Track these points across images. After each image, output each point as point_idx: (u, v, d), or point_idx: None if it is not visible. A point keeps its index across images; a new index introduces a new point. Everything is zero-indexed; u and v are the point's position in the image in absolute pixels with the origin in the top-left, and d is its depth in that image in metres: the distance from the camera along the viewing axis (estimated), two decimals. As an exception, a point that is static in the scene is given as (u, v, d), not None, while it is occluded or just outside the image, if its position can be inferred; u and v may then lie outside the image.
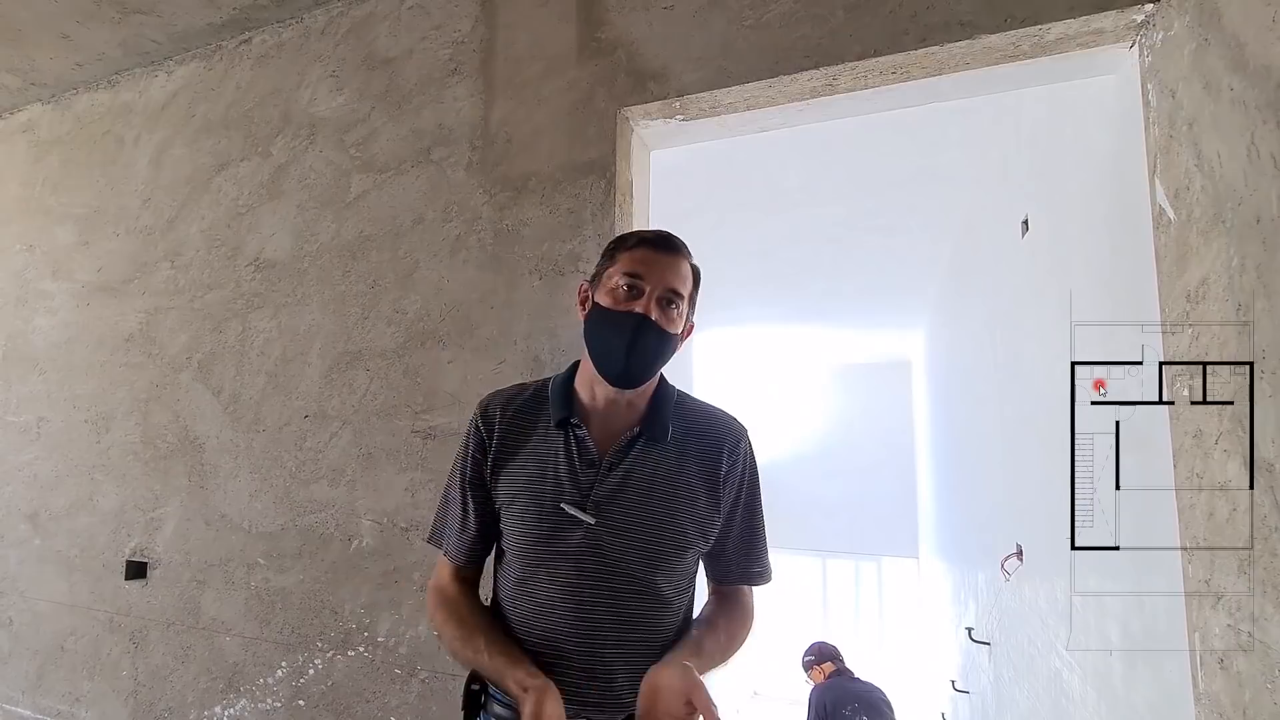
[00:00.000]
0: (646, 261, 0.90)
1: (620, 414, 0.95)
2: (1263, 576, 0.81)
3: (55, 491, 2.03)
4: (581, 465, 0.92)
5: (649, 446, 0.93)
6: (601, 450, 0.93)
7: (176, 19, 1.93)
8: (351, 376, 1.64)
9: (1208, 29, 0.94)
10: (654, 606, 0.91)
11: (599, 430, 0.95)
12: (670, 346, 0.92)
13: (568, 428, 0.94)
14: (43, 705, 1.94)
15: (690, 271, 0.94)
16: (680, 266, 0.92)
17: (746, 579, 0.99)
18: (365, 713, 1.50)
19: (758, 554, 0.99)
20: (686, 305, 0.94)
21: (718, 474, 0.95)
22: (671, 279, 0.90)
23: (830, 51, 1.28)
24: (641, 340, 0.88)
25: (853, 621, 6.98)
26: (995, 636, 2.60)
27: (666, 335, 0.90)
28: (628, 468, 0.92)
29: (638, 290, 0.89)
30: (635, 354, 0.88)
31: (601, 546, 0.89)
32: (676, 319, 0.91)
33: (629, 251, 0.92)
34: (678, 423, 0.97)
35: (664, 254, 0.91)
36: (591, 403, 0.95)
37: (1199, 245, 0.95)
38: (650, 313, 0.88)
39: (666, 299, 0.90)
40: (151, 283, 1.99)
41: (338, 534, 1.60)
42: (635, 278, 0.89)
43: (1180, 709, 1.04)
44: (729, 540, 0.98)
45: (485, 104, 1.60)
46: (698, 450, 0.96)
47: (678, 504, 0.92)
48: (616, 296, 0.90)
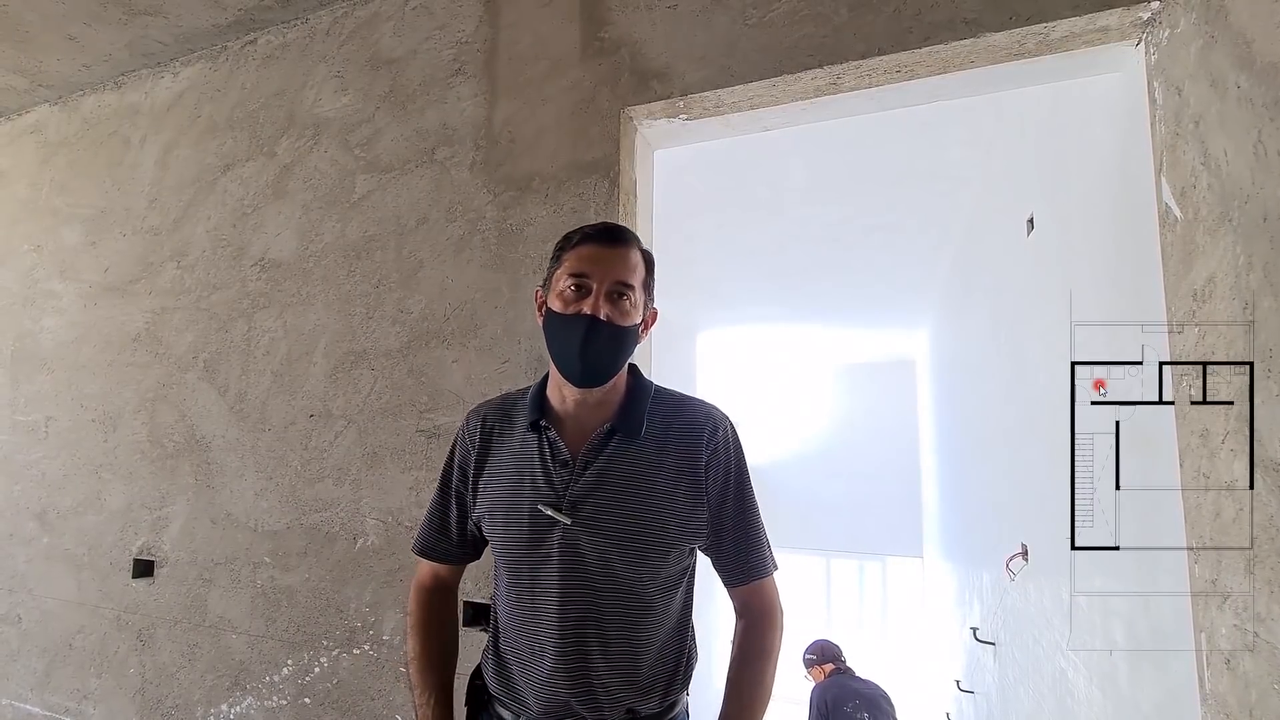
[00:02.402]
0: (591, 259, 0.89)
1: (592, 413, 0.94)
2: (1269, 576, 0.81)
3: (63, 490, 2.04)
4: (555, 466, 0.92)
5: (625, 443, 0.93)
6: (574, 450, 0.93)
7: (182, 20, 1.94)
8: (356, 376, 1.65)
9: (1214, 26, 0.93)
10: (636, 606, 0.90)
11: (572, 431, 0.94)
12: (627, 339, 0.91)
13: (540, 430, 0.94)
14: (51, 702, 1.95)
15: (640, 259, 0.93)
16: (627, 257, 0.91)
17: (752, 572, 0.97)
18: (370, 710, 1.50)
19: (757, 543, 0.97)
20: (641, 293, 0.92)
21: (698, 464, 0.94)
22: (618, 271, 0.89)
23: (834, 50, 1.28)
24: (594, 341, 0.87)
25: (857, 621, 6.97)
26: (1000, 636, 2.59)
27: (620, 330, 0.89)
28: (602, 466, 0.91)
29: (585, 289, 0.88)
30: (589, 355, 0.88)
31: (579, 546, 0.89)
32: (630, 310, 0.90)
33: (573, 250, 0.91)
34: (655, 417, 0.95)
35: (607, 247, 0.90)
36: (562, 405, 0.95)
37: (1205, 243, 0.95)
38: (599, 312, 0.87)
39: (616, 292, 0.89)
40: (158, 283, 2.01)
41: (343, 533, 1.60)
42: (581, 277, 0.89)
43: (1186, 709, 1.03)
44: (724, 532, 0.96)
45: (489, 104, 1.60)
46: (676, 442, 0.94)
47: (656, 499, 0.91)
48: (565, 299, 0.89)
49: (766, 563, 0.97)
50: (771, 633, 0.96)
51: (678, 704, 0.96)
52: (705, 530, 0.95)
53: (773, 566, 0.98)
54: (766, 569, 0.97)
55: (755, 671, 0.94)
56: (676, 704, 0.96)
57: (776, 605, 0.98)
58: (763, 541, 0.98)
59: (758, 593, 0.97)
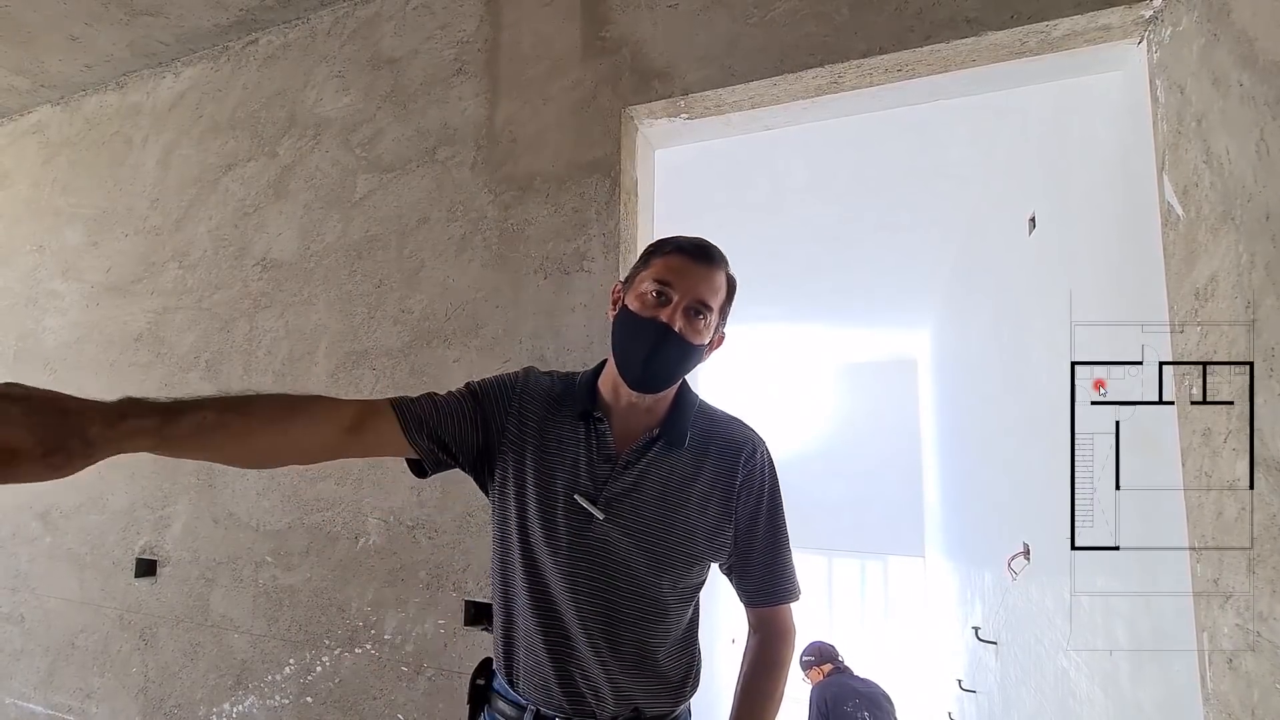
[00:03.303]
0: (679, 270, 0.89)
1: (640, 416, 0.95)
2: (1271, 576, 0.81)
3: (66, 490, 2.05)
4: (599, 459, 0.92)
5: (666, 451, 0.93)
6: (619, 447, 0.93)
7: (184, 20, 1.94)
8: (358, 375, 1.65)
9: (1217, 24, 0.93)
10: (652, 611, 0.91)
11: (619, 428, 0.95)
12: (694, 357, 0.91)
13: (589, 420, 0.94)
14: (54, 701, 1.96)
15: (725, 283, 0.93)
16: (713, 278, 0.90)
17: (777, 597, 0.98)
18: (372, 710, 1.51)
19: (785, 568, 0.98)
20: (716, 316, 0.92)
21: (733, 482, 0.95)
22: (702, 290, 0.89)
23: (835, 49, 1.28)
24: (662, 349, 0.87)
25: (859, 620, 6.97)
26: (1002, 636, 2.59)
27: (689, 346, 0.89)
28: (643, 469, 0.92)
29: (666, 298, 0.88)
30: (655, 362, 0.88)
31: (609, 544, 0.89)
32: (703, 330, 0.90)
33: (664, 258, 0.91)
34: (696, 430, 0.96)
35: (698, 264, 0.90)
36: (614, 401, 0.95)
37: (1208, 242, 0.95)
38: (674, 322, 0.87)
39: (695, 309, 0.89)
40: (160, 283, 2.01)
41: (344, 532, 1.60)
42: (665, 285, 0.88)
43: (1188, 709, 1.03)
44: (754, 554, 0.97)
45: (490, 103, 1.60)
46: (715, 458, 0.95)
47: (689, 511, 0.92)
48: (645, 302, 0.89)
49: (793, 589, 0.99)
50: (786, 648, 0.99)
51: (681, 707, 0.97)
52: (729, 548, 0.96)
53: (798, 593, 1.00)
54: (792, 595, 0.99)
55: (768, 681, 0.96)
56: (680, 707, 0.96)
57: (791, 625, 1.01)
58: (791, 567, 0.99)
59: (778, 614, 0.99)
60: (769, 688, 0.96)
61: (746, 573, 0.98)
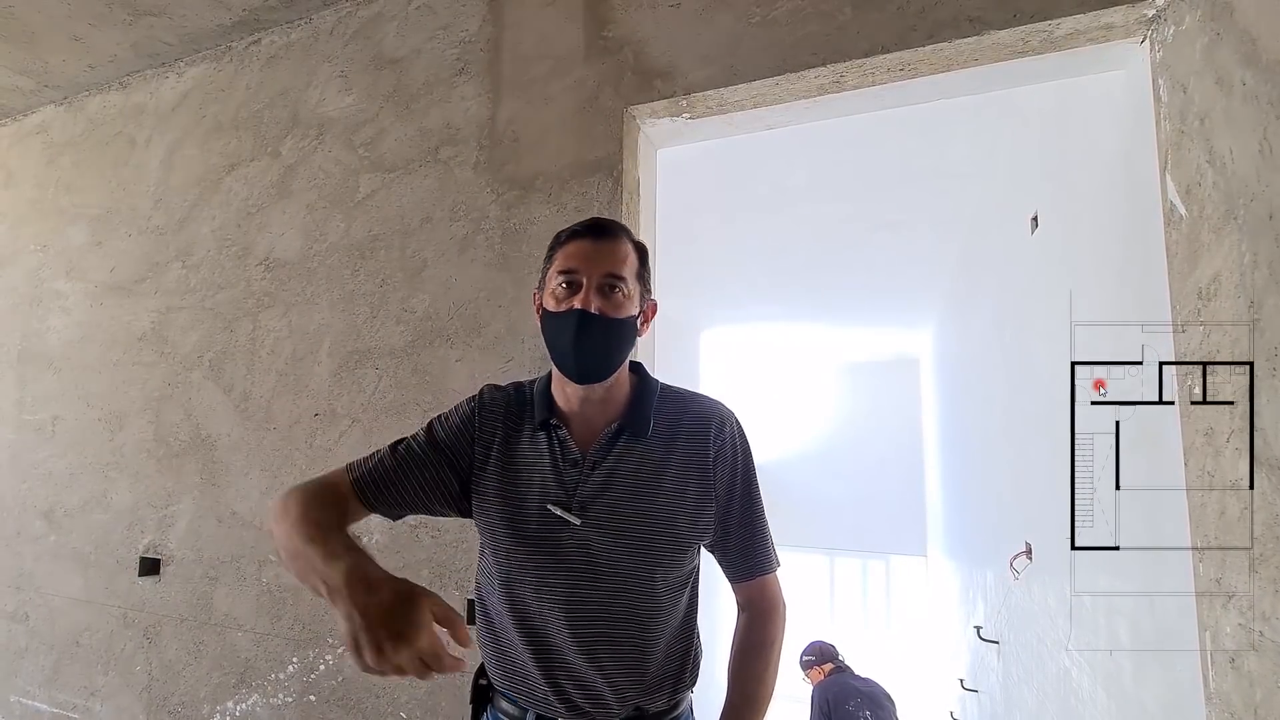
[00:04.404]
0: (579, 254, 0.89)
1: (598, 412, 0.94)
2: (1273, 575, 0.81)
3: (70, 489, 2.06)
4: (565, 465, 0.91)
5: (632, 441, 0.92)
6: (583, 449, 0.92)
7: (187, 20, 1.94)
8: (361, 375, 1.65)
9: (1220, 24, 0.93)
10: (645, 606, 0.90)
11: (580, 430, 0.94)
12: (623, 331, 0.89)
13: (549, 429, 0.94)
14: (59, 699, 1.97)
15: (630, 250, 0.92)
16: (615, 249, 0.89)
17: (756, 569, 0.97)
18: (375, 708, 1.51)
19: (762, 539, 0.97)
20: (634, 284, 0.91)
21: (706, 460, 0.93)
22: (608, 264, 0.88)
23: (838, 48, 1.28)
24: (586, 335, 0.86)
25: (861, 620, 6.96)
26: (1004, 635, 2.59)
27: (614, 322, 0.87)
28: (611, 465, 0.91)
29: (575, 285, 0.88)
30: (583, 349, 0.87)
31: (590, 547, 0.88)
32: (624, 302, 0.89)
33: (562, 248, 0.91)
34: (662, 415, 0.95)
35: (596, 241, 0.89)
36: (567, 404, 0.94)
37: (1210, 242, 0.95)
38: (590, 305, 0.86)
39: (608, 285, 0.88)
40: (163, 282, 2.02)
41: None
42: (570, 272, 0.88)
43: (1191, 709, 1.03)
44: (730, 527, 0.96)
45: (492, 103, 1.61)
46: (684, 440, 0.94)
47: (666, 498, 0.91)
48: (557, 296, 0.89)
49: (771, 559, 0.98)
50: (773, 625, 0.97)
51: (683, 702, 0.96)
52: (713, 526, 0.95)
53: (776, 563, 0.99)
54: (770, 565, 0.98)
55: (758, 663, 0.95)
56: (682, 702, 0.96)
57: (779, 600, 0.98)
58: (767, 538, 0.98)
59: (761, 588, 0.98)
60: (758, 669, 0.94)
61: (726, 547, 0.96)
